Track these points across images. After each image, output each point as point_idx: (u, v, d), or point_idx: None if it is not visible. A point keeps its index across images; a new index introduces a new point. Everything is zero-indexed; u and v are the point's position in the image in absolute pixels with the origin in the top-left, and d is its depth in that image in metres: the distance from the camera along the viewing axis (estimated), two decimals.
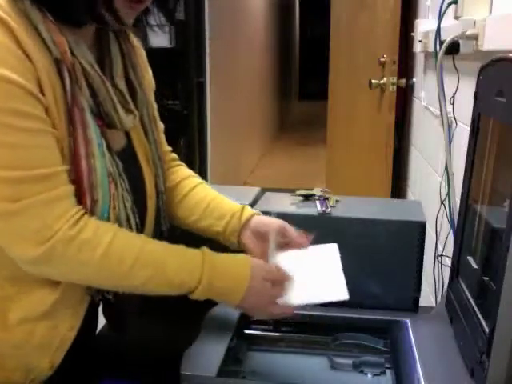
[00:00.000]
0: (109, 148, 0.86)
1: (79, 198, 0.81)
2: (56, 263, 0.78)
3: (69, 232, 0.76)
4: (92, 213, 0.82)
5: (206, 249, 0.88)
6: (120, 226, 0.87)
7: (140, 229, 0.93)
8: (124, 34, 0.95)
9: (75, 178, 0.80)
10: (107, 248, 0.79)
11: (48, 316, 0.85)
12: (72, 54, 0.80)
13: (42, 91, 0.76)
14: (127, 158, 0.92)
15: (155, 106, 1.07)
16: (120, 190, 0.86)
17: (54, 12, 0.79)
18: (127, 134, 0.95)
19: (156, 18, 0.94)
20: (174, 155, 1.16)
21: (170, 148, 1.15)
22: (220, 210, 1.03)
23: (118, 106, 0.87)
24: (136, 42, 1.00)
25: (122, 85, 0.92)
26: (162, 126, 1.11)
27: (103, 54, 0.91)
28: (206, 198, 1.06)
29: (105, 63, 0.91)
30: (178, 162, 1.15)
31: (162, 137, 1.11)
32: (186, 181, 1.10)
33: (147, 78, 1.04)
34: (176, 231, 1.06)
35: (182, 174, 1.12)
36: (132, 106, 0.93)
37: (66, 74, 0.79)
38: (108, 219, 0.84)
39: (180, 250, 0.87)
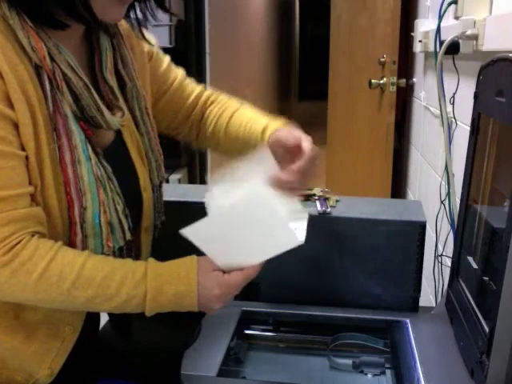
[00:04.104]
0: (95, 152, 0.84)
1: (67, 206, 0.80)
2: None
3: (1, 258, 0.74)
4: (83, 219, 0.81)
5: (151, 259, 0.83)
6: (112, 229, 0.85)
7: (133, 231, 0.91)
8: (115, 28, 0.93)
9: (62, 185, 0.79)
10: (44, 271, 0.75)
11: (48, 318, 0.85)
12: (52, 59, 0.78)
13: (11, 106, 0.74)
14: (117, 154, 0.91)
15: (166, 59, 1.06)
16: (110, 193, 0.84)
17: (33, 16, 0.77)
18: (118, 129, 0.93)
19: (149, 13, 0.91)
20: (207, 93, 1.11)
21: (199, 88, 1.10)
22: (248, 142, 1.03)
23: (103, 108, 0.85)
24: (124, 29, 0.96)
25: (112, 80, 0.90)
26: (181, 72, 1.08)
27: (93, 49, 0.90)
28: (237, 134, 1.05)
29: (95, 58, 0.89)
30: (211, 100, 1.11)
31: (186, 83, 1.09)
32: (221, 119, 1.08)
33: (139, 49, 1.00)
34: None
35: (216, 113, 1.09)
36: (122, 102, 0.91)
37: (46, 81, 0.78)
38: (99, 224, 0.83)
39: (124, 263, 0.82)
